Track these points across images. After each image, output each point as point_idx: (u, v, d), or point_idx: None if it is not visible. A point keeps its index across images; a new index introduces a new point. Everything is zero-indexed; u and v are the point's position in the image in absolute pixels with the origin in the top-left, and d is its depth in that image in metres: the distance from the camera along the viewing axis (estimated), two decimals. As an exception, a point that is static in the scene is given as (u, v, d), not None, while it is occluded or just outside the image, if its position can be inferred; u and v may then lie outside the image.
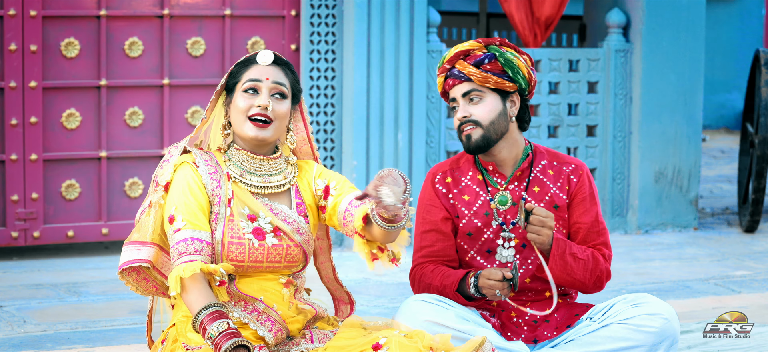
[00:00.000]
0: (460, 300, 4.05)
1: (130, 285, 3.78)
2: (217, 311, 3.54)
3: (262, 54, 3.75)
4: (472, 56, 4.11)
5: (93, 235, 6.92)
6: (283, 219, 3.73)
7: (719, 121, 14.43)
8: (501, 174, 4.18)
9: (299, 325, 3.78)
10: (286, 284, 3.76)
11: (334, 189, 3.85)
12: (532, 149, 4.23)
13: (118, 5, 6.87)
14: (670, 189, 7.98)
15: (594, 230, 4.18)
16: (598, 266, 4.13)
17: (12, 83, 6.67)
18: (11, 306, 5.73)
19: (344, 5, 7.16)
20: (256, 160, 3.77)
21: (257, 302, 3.70)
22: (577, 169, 4.23)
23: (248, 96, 3.71)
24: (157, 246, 3.74)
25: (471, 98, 4.10)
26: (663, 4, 7.83)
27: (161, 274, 3.76)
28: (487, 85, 4.09)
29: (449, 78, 4.14)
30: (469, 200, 4.17)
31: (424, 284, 4.12)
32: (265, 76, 3.72)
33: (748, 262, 7.09)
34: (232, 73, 3.77)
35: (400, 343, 3.58)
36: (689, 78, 7.95)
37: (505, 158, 4.17)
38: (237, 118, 3.73)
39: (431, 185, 4.21)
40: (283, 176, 3.80)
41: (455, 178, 4.21)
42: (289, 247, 3.72)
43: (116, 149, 6.91)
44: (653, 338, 4.01)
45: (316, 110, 7.21)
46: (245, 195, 3.72)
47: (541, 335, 4.14)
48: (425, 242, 4.17)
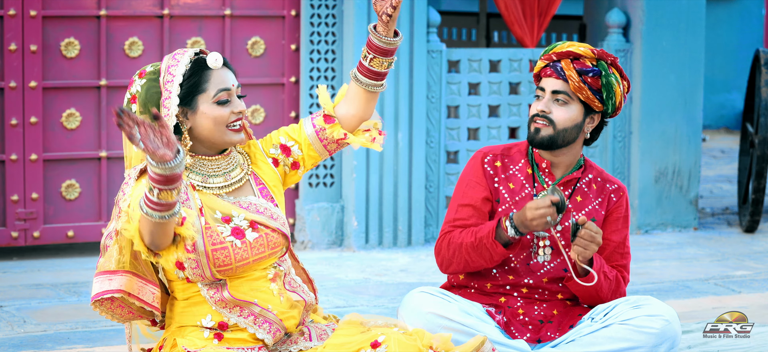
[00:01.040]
0: (498, 249, 4.03)
1: (106, 314, 3.71)
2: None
3: (214, 57, 3.70)
4: (580, 63, 4.12)
5: (93, 235, 6.92)
6: (255, 210, 3.71)
7: (719, 121, 14.43)
8: (551, 174, 4.20)
9: (295, 320, 3.77)
10: (273, 277, 3.75)
11: (288, 139, 3.86)
12: (584, 162, 4.27)
13: (118, 5, 6.87)
14: (670, 189, 7.98)
15: (619, 251, 4.23)
16: (620, 288, 4.19)
17: (12, 83, 6.67)
18: (11, 306, 5.73)
19: (344, 5, 7.16)
20: (213, 161, 3.74)
21: (252, 306, 3.69)
22: (618, 189, 4.28)
23: (222, 106, 3.68)
24: (129, 273, 3.67)
25: (558, 98, 4.12)
26: (663, 4, 7.84)
27: (138, 299, 3.70)
28: (578, 94, 4.11)
29: (549, 68, 4.14)
30: (514, 188, 4.19)
31: (454, 244, 4.11)
32: (231, 83, 3.70)
33: (748, 262, 7.09)
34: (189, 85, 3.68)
35: (399, 341, 3.58)
36: (689, 78, 7.95)
37: (561, 162, 4.20)
38: (212, 128, 3.68)
39: (480, 162, 4.22)
40: (240, 169, 3.79)
41: (504, 164, 4.23)
42: (268, 235, 3.71)
43: (116, 149, 6.91)
44: (654, 339, 4.02)
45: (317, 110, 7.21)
46: (212, 200, 3.69)
47: (545, 335, 4.15)
48: (460, 214, 4.18)
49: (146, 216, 3.37)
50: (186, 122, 3.67)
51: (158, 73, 3.67)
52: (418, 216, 7.33)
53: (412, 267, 6.77)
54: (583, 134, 4.18)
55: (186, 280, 3.68)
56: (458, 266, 4.13)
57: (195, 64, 3.67)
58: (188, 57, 3.67)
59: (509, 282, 4.19)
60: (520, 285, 4.19)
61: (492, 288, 4.21)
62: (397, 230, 7.31)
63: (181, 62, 3.65)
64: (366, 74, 3.78)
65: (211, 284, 3.68)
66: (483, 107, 7.63)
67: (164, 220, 3.37)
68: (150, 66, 3.71)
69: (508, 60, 7.70)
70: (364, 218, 7.25)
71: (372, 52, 3.76)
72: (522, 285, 4.19)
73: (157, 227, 3.39)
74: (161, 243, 3.45)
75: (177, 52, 3.69)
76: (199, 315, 3.70)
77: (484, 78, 7.62)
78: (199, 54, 3.70)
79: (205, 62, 3.67)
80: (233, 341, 3.69)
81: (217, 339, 3.68)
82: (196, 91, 3.66)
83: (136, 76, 3.69)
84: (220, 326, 3.69)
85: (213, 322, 3.69)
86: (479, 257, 4.08)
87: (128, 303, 3.72)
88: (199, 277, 3.65)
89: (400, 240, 7.32)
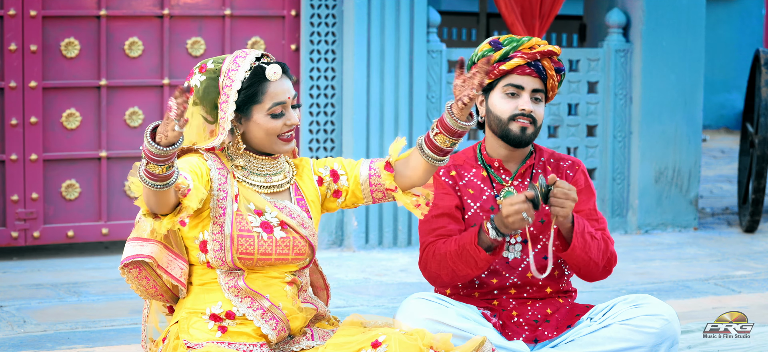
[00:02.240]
0: (482, 254, 4.02)
1: (131, 283, 3.79)
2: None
3: (274, 69, 3.74)
4: (555, 61, 4.17)
5: (93, 235, 6.92)
6: (288, 213, 3.77)
7: (719, 121, 14.44)
8: (506, 170, 4.20)
9: (301, 323, 3.81)
10: (290, 282, 3.78)
11: (342, 168, 3.95)
12: (534, 148, 4.27)
13: (118, 5, 6.87)
14: (670, 189, 7.98)
15: (593, 218, 4.20)
16: (609, 248, 4.16)
17: (12, 83, 6.67)
18: (11, 306, 5.73)
19: (344, 5, 7.17)
20: (258, 160, 3.81)
21: (263, 300, 3.73)
22: (573, 164, 4.27)
23: (275, 119, 3.73)
24: (160, 244, 3.75)
25: (536, 98, 4.14)
26: (663, 4, 7.84)
27: (166, 272, 3.77)
28: (550, 92, 4.18)
29: (530, 67, 4.14)
30: (474, 193, 4.19)
31: (439, 255, 4.09)
32: (287, 95, 3.74)
33: (748, 262, 7.09)
34: (247, 94, 3.73)
35: (400, 341, 3.59)
36: (689, 78, 7.95)
37: (515, 157, 4.21)
38: (265, 138, 3.75)
39: (437, 176, 4.22)
40: (283, 175, 3.85)
41: (459, 173, 4.23)
42: (295, 239, 3.76)
43: (116, 149, 6.92)
44: (653, 339, 4.01)
45: (316, 110, 7.21)
46: (249, 192, 3.76)
47: (542, 335, 4.14)
48: (436, 224, 4.17)
49: (141, 180, 3.46)
50: (239, 127, 3.75)
51: (219, 73, 3.73)
52: (418, 216, 7.33)
53: (412, 267, 6.77)
54: None
55: (207, 264, 3.73)
56: (446, 277, 4.11)
57: (254, 74, 3.71)
58: (249, 63, 3.72)
59: (495, 286, 4.18)
60: (507, 286, 4.18)
61: (480, 295, 4.20)
62: (397, 230, 7.32)
63: (241, 68, 3.71)
64: (430, 148, 3.80)
65: (229, 271, 3.72)
66: (483, 107, 7.62)
67: (157, 189, 3.45)
68: (211, 62, 3.77)
69: (508, 60, 7.69)
70: (364, 218, 7.25)
71: (441, 129, 3.78)
72: (509, 286, 4.18)
73: (151, 193, 3.47)
74: (159, 207, 3.53)
75: (238, 55, 3.74)
76: (210, 302, 3.73)
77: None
78: (260, 59, 3.74)
79: (264, 73, 3.71)
80: (237, 334, 3.72)
81: (220, 331, 3.71)
82: (252, 102, 3.72)
83: (197, 70, 3.76)
84: (227, 315, 3.72)
85: (222, 309, 3.72)
86: (465, 265, 4.05)
87: (154, 276, 3.78)
88: (219, 261, 3.70)
89: (400, 240, 7.32)
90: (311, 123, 7.21)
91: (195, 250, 3.73)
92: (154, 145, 3.37)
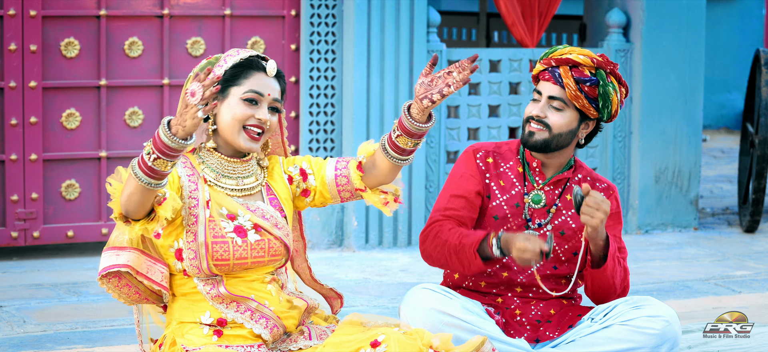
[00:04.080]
0: (477, 261, 4.02)
1: (112, 292, 3.76)
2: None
3: (271, 65, 3.75)
4: (579, 71, 4.11)
5: (93, 235, 6.92)
6: (261, 215, 3.75)
7: (719, 121, 14.44)
8: (542, 174, 4.21)
9: (294, 320, 3.79)
10: (270, 281, 3.77)
11: (310, 167, 3.90)
12: (574, 162, 4.27)
13: (118, 5, 6.87)
14: (670, 189, 7.98)
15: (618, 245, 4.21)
16: (626, 278, 4.21)
17: (12, 83, 6.67)
18: (11, 306, 5.73)
19: (344, 5, 7.17)
20: (230, 163, 3.78)
21: (249, 301, 3.72)
22: (608, 188, 4.27)
23: (247, 105, 3.72)
24: (137, 250, 3.72)
25: (554, 104, 4.12)
26: (663, 4, 7.84)
27: (146, 277, 3.74)
28: (574, 102, 4.11)
29: (548, 73, 4.14)
30: (505, 185, 4.19)
31: (440, 239, 4.09)
32: (268, 92, 3.73)
33: (748, 262, 7.09)
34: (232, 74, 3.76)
35: (399, 340, 3.59)
36: (689, 78, 7.95)
37: (552, 163, 4.21)
38: (230, 123, 3.72)
39: (473, 157, 4.22)
40: (255, 178, 3.83)
41: (496, 161, 4.23)
42: (270, 241, 3.74)
43: (116, 149, 6.91)
44: (654, 340, 4.02)
45: (316, 110, 7.21)
46: (221, 196, 3.74)
47: (543, 335, 4.15)
48: (452, 204, 4.17)
49: (135, 177, 3.43)
50: (215, 108, 3.73)
51: (217, 60, 3.79)
52: (418, 216, 7.33)
53: (412, 267, 6.77)
54: (576, 138, 4.18)
55: (183, 272, 3.71)
56: (438, 262, 4.14)
57: (246, 61, 3.75)
58: (247, 54, 3.77)
59: (503, 280, 4.19)
60: (514, 284, 4.18)
61: (486, 287, 4.21)
62: (397, 229, 7.32)
63: (238, 55, 3.76)
64: (393, 148, 3.78)
65: (207, 279, 3.70)
66: (483, 107, 7.63)
67: (150, 187, 3.43)
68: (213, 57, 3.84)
69: (508, 60, 7.70)
70: (364, 218, 7.25)
71: (401, 131, 3.75)
72: (516, 284, 4.18)
73: (137, 192, 3.45)
74: (135, 210, 3.50)
75: (241, 49, 3.81)
76: (199, 312, 3.73)
77: (484, 78, 7.62)
78: (260, 58, 3.77)
79: (256, 64, 3.74)
80: (233, 338, 3.71)
81: (216, 336, 3.70)
82: (232, 82, 3.73)
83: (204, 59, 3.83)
84: (219, 323, 3.71)
85: (212, 318, 3.71)
86: (458, 262, 4.06)
87: (135, 283, 3.76)
88: (196, 270, 3.68)
89: (400, 240, 7.32)
90: (311, 123, 7.21)
91: (171, 257, 3.72)
92: (173, 137, 3.37)
